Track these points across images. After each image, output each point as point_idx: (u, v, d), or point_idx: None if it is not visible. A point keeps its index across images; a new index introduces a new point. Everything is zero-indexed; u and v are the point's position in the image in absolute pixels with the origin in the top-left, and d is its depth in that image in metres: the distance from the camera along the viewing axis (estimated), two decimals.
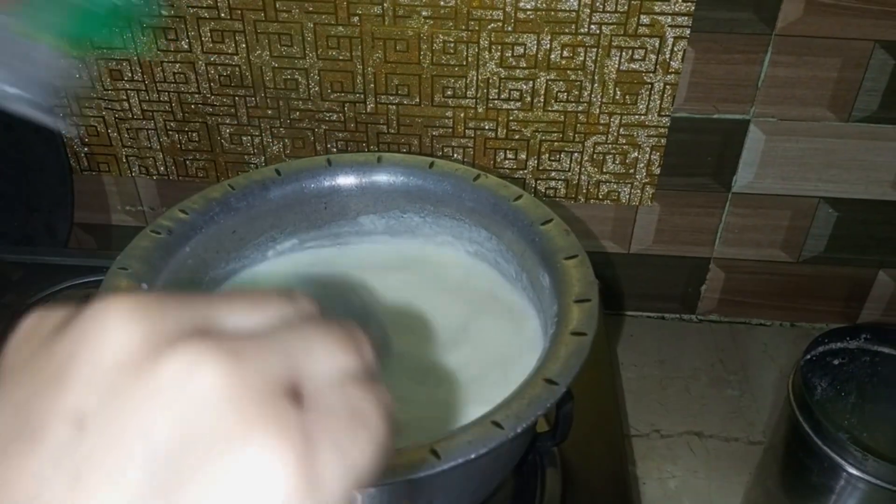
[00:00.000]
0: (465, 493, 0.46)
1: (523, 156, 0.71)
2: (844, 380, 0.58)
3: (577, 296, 0.46)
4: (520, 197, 0.54)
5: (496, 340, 0.53)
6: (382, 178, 0.57)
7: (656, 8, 0.62)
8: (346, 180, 0.57)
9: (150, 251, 0.48)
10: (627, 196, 0.73)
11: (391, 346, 0.50)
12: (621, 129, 0.69)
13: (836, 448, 0.53)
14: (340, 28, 0.65)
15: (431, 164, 0.57)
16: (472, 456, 0.37)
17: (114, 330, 0.17)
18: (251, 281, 0.57)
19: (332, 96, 0.69)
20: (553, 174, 0.72)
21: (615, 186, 0.72)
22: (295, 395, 0.18)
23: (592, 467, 0.60)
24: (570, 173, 0.72)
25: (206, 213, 0.52)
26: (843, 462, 0.52)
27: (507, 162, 0.72)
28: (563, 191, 0.73)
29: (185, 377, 0.17)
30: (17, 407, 0.17)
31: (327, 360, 0.20)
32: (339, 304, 0.49)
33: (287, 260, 0.58)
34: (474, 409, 0.42)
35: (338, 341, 0.20)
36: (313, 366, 0.19)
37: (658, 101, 0.67)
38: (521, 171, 0.72)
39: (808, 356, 0.59)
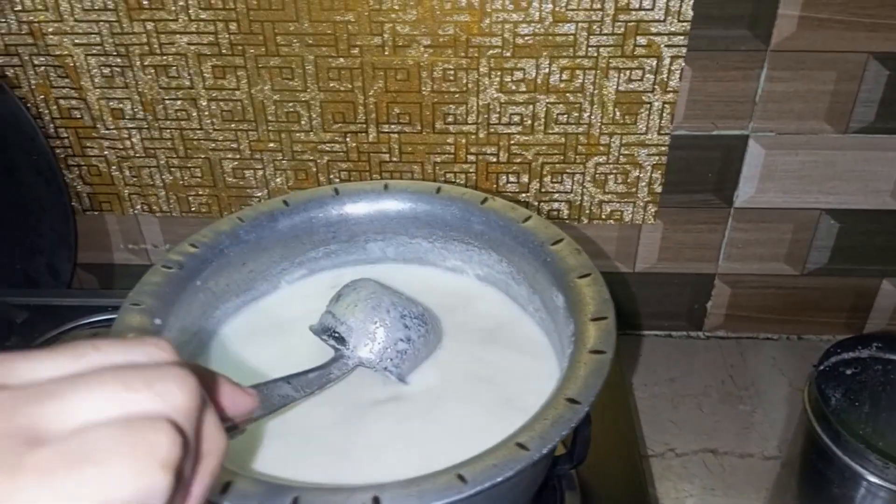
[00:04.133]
0: None
1: (525, 179, 0.72)
2: (858, 389, 0.58)
3: (592, 314, 0.46)
4: (528, 218, 0.54)
5: (507, 366, 0.53)
6: (390, 205, 0.57)
7: (652, 29, 0.63)
8: (353, 209, 0.57)
9: (162, 286, 0.48)
10: (630, 215, 0.73)
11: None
12: (622, 149, 0.69)
13: (855, 457, 0.52)
14: (341, 60, 0.66)
15: (438, 190, 0.57)
16: (499, 479, 0.37)
17: None
18: (261, 312, 0.57)
19: (333, 127, 0.69)
20: (556, 196, 0.73)
21: (618, 206, 0.73)
22: (36, 439, 0.22)
23: (612, 489, 0.59)
24: (572, 194, 0.72)
25: (215, 247, 0.52)
26: (863, 471, 0.52)
27: (509, 185, 0.72)
28: (566, 212, 0.74)
29: None
30: None
31: (85, 404, 0.23)
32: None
33: (296, 291, 0.58)
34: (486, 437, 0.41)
35: (115, 386, 0.24)
36: (62, 411, 0.23)
37: (657, 120, 0.68)
38: (523, 195, 0.73)
39: (822, 367, 0.59)
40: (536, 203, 0.73)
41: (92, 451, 0.23)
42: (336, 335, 0.49)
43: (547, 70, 0.65)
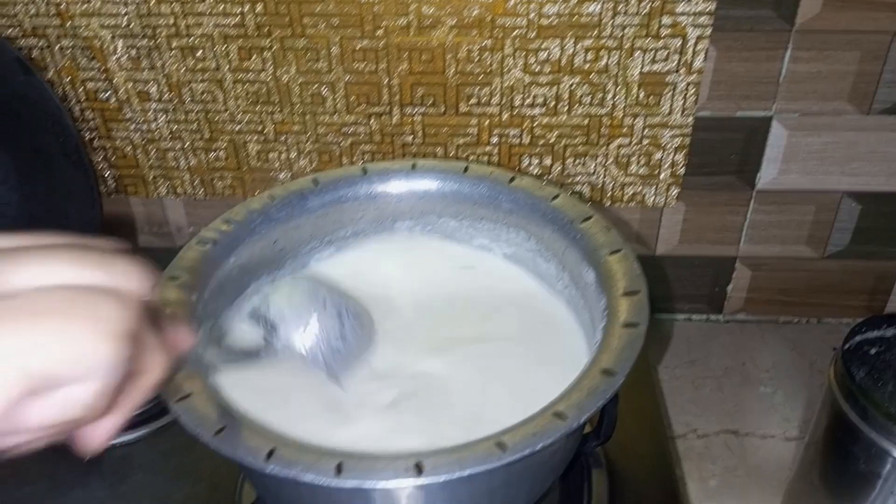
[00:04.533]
0: (520, 492, 0.46)
1: (548, 161, 0.72)
2: (882, 369, 0.58)
3: (624, 289, 0.47)
4: (557, 196, 0.54)
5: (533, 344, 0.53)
6: (418, 184, 0.58)
7: (678, 9, 0.63)
8: (381, 188, 0.58)
9: (198, 262, 0.49)
10: (652, 197, 0.73)
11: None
12: (645, 131, 0.70)
13: (883, 433, 0.53)
14: (366, 41, 0.66)
15: (466, 169, 0.57)
16: (538, 447, 0.38)
17: None
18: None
19: (357, 109, 0.70)
20: (578, 178, 0.73)
21: (640, 188, 0.73)
22: None
23: (638, 468, 0.60)
24: (594, 177, 0.73)
25: (248, 225, 0.53)
26: (890, 447, 0.52)
27: (532, 168, 0.73)
28: (588, 194, 0.74)
29: None
30: None
31: (40, 270, 0.24)
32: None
33: (325, 270, 0.59)
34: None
35: (71, 259, 0.25)
36: (16, 273, 0.23)
37: (681, 102, 0.68)
38: (546, 177, 0.73)
39: (846, 346, 0.59)
40: (559, 185, 0.73)
41: (45, 308, 0.22)
42: (268, 323, 0.46)
43: (571, 51, 0.66)
